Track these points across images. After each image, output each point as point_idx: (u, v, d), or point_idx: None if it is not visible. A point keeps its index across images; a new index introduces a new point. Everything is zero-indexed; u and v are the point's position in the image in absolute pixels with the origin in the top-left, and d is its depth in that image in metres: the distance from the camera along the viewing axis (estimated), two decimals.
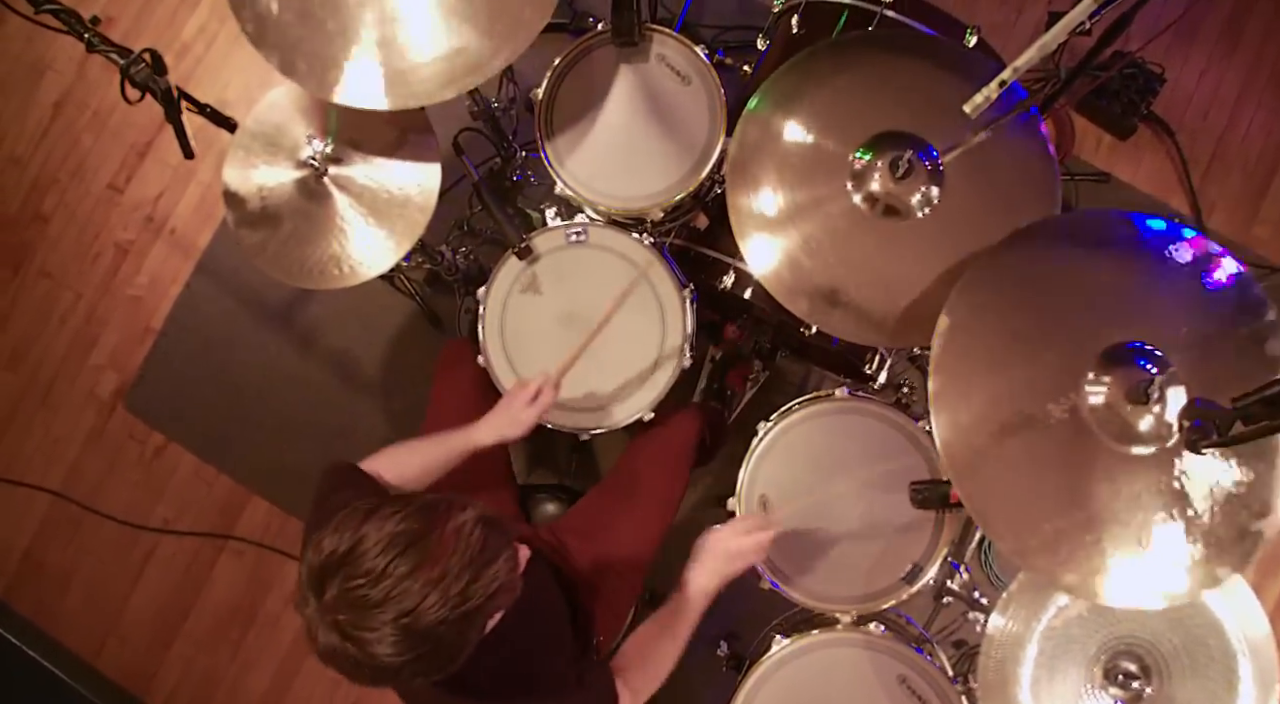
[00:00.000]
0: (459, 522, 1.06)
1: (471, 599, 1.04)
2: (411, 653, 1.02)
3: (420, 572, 1.01)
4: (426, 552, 1.02)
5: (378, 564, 1.00)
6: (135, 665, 2.78)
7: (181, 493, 2.79)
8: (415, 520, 1.04)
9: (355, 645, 1.01)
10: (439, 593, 1.01)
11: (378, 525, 1.03)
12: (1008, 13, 2.63)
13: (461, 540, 1.05)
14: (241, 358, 2.77)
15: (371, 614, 1.00)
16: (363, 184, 1.75)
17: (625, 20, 1.65)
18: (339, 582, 1.01)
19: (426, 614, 1.01)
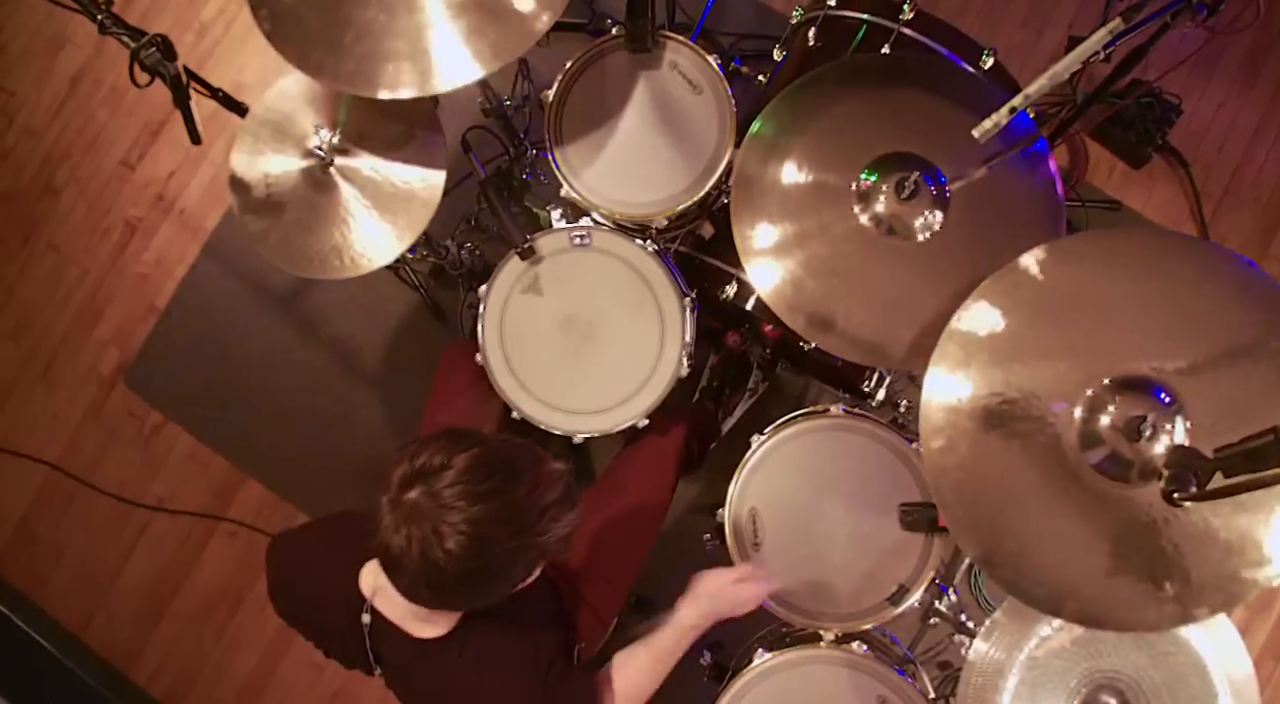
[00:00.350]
0: (551, 468, 1.17)
1: (539, 536, 1.14)
2: (468, 562, 1.09)
3: (503, 494, 1.10)
4: (516, 481, 1.12)
5: (467, 476, 1.09)
6: (121, 641, 2.80)
7: (177, 472, 2.80)
8: (516, 453, 1.15)
9: (422, 535, 1.07)
10: (515, 517, 1.11)
11: (473, 450, 1.12)
12: (1028, 35, 2.62)
13: (548, 484, 1.15)
14: (243, 341, 2.78)
15: (450, 513, 1.07)
16: (368, 176, 1.75)
17: (639, 26, 1.65)
18: (426, 486, 1.08)
19: (496, 530, 1.09)
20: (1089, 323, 1.30)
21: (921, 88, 1.56)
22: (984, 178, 1.47)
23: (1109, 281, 1.30)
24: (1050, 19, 2.62)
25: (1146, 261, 1.30)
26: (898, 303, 1.50)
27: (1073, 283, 1.31)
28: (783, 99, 1.59)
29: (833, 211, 1.51)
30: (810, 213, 1.52)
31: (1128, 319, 1.29)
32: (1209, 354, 1.24)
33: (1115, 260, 1.31)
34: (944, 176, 1.48)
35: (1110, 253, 1.32)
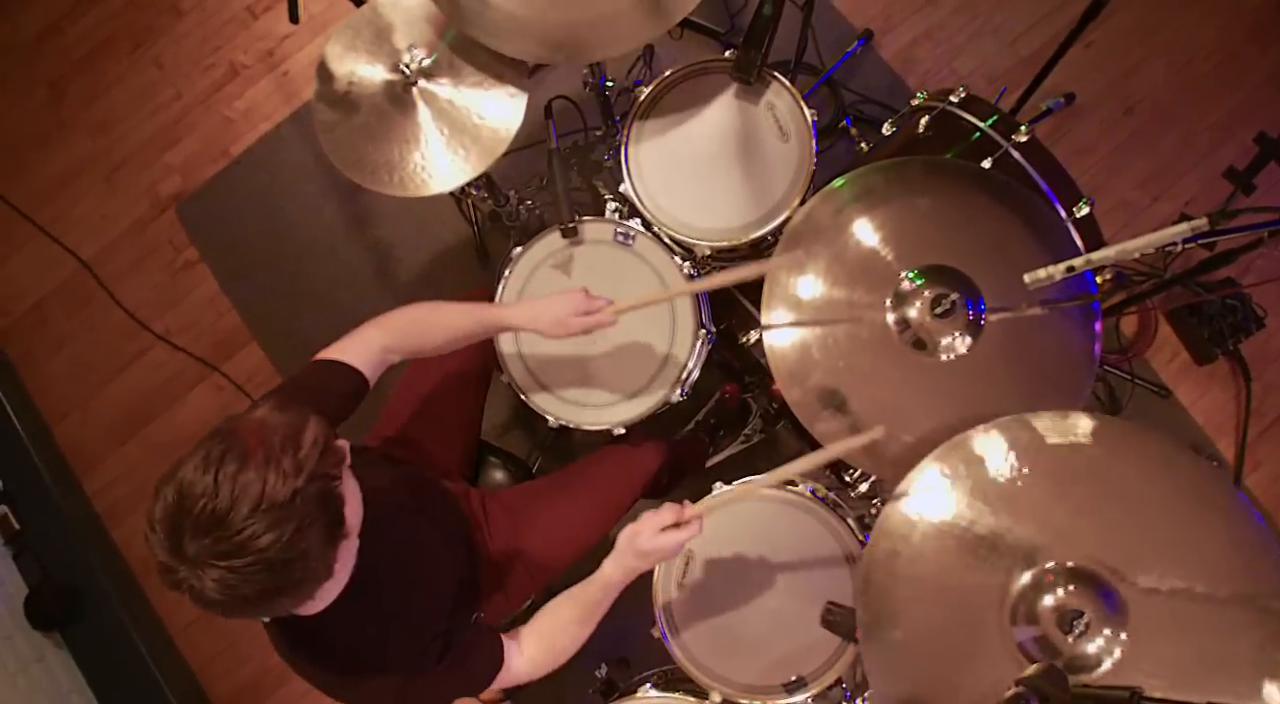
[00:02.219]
0: (253, 416, 1.09)
1: (306, 465, 1.06)
2: (287, 531, 1.02)
3: (247, 464, 1.02)
4: (242, 448, 1.03)
5: (207, 482, 1.01)
6: (87, 446, 2.88)
7: (192, 312, 2.87)
8: (216, 439, 1.05)
9: (234, 556, 1.00)
10: (275, 470, 1.03)
11: (189, 464, 1.04)
12: (1142, 197, 2.55)
13: (265, 427, 1.07)
14: (295, 214, 2.83)
15: (233, 520, 1.00)
16: (444, 105, 1.77)
17: (749, 57, 1.63)
18: (190, 528, 1.01)
19: (278, 491, 1.02)
20: (1080, 501, 1.27)
21: (1002, 211, 1.52)
22: (1024, 320, 1.44)
23: (1117, 472, 1.27)
24: (1171, 188, 2.54)
25: (1160, 469, 1.27)
26: (895, 411, 1.47)
27: (1082, 458, 1.28)
28: (872, 170, 1.57)
29: (867, 298, 1.49)
30: (846, 289, 1.50)
31: (1118, 515, 1.26)
32: (1180, 587, 1.20)
33: (1132, 455, 1.28)
34: (985, 305, 1.45)
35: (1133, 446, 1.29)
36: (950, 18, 2.67)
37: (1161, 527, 1.26)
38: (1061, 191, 1.73)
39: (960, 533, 1.26)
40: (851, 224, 1.53)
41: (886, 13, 2.69)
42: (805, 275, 1.51)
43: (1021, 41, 2.64)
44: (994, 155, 1.72)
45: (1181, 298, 2.39)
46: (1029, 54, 2.61)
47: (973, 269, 1.47)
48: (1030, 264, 1.35)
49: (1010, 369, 1.47)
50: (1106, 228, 1.83)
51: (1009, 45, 2.64)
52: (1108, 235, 1.84)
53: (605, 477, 1.92)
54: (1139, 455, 1.30)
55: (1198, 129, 2.56)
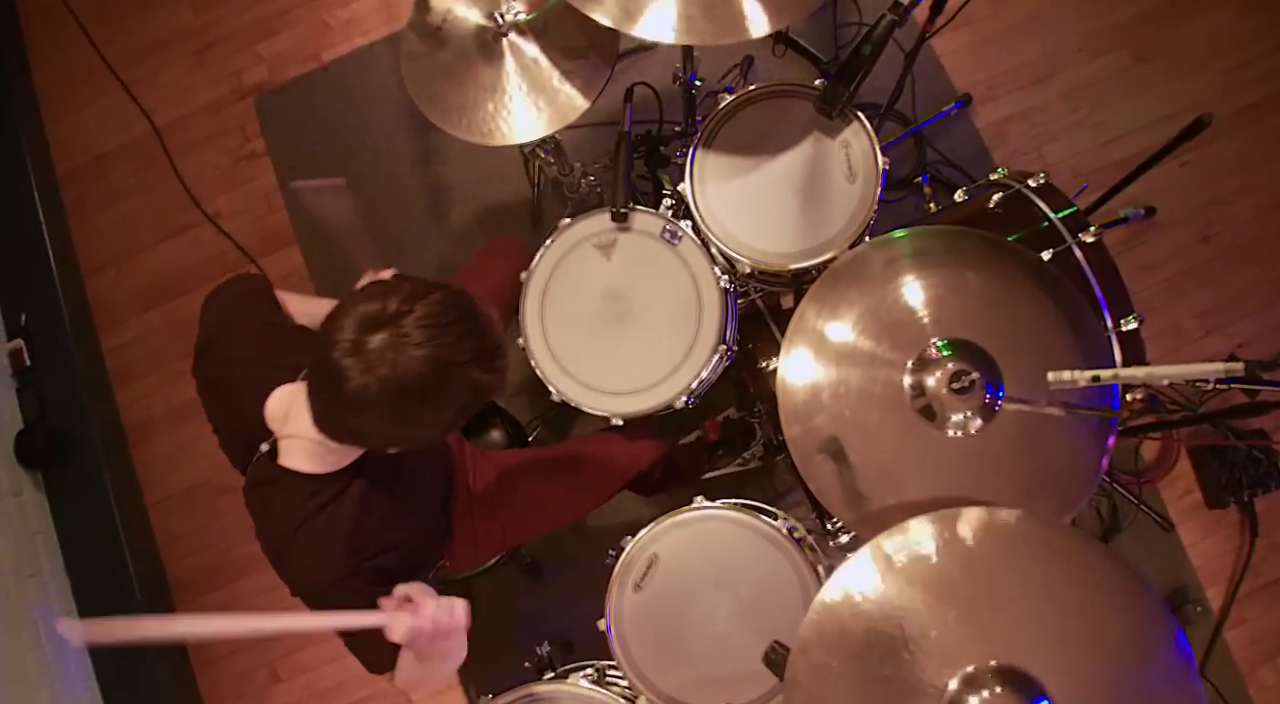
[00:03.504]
0: (491, 313, 1.21)
1: (492, 371, 1.18)
2: (425, 381, 1.11)
3: (466, 324, 1.15)
4: (475, 317, 1.17)
5: (431, 317, 1.12)
6: (113, 303, 2.94)
7: (245, 201, 2.92)
8: (465, 296, 1.18)
9: (385, 364, 1.09)
10: (478, 344, 1.16)
11: (433, 296, 1.15)
12: (1195, 327, 2.50)
13: (494, 326, 1.20)
14: (366, 133, 2.86)
15: (412, 342, 1.10)
16: (529, 62, 1.78)
17: (837, 92, 1.62)
18: (391, 330, 1.11)
19: (460, 351, 1.13)
20: (1018, 604, 1.25)
21: (1048, 304, 1.50)
22: (1039, 417, 1.42)
23: (1066, 581, 1.25)
24: (1228, 326, 2.49)
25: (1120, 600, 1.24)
26: (888, 472, 1.46)
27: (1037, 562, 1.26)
28: (933, 232, 1.56)
29: (890, 356, 1.47)
30: (874, 341, 1.49)
31: (1055, 623, 1.23)
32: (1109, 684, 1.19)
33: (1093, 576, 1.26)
34: (1003, 392, 1.43)
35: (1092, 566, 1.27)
36: (1052, 103, 2.64)
37: (1094, 646, 1.23)
38: (1113, 301, 1.70)
39: (888, 621, 1.24)
40: (899, 278, 1.52)
41: (991, 82, 2.66)
42: (839, 318, 1.50)
43: (1117, 144, 2.60)
44: (1056, 248, 1.69)
45: (1208, 437, 2.35)
46: (1121, 158, 2.57)
47: (1001, 354, 1.45)
48: (1060, 363, 1.33)
49: (1013, 461, 1.45)
50: (1151, 349, 1.80)
51: (1103, 144, 2.60)
52: (1151, 356, 1.81)
53: (595, 461, 1.93)
54: (1081, 565, 1.28)
55: (1270, 275, 2.51)
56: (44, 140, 3.02)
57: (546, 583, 2.56)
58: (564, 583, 2.55)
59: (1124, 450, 2.43)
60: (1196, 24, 2.63)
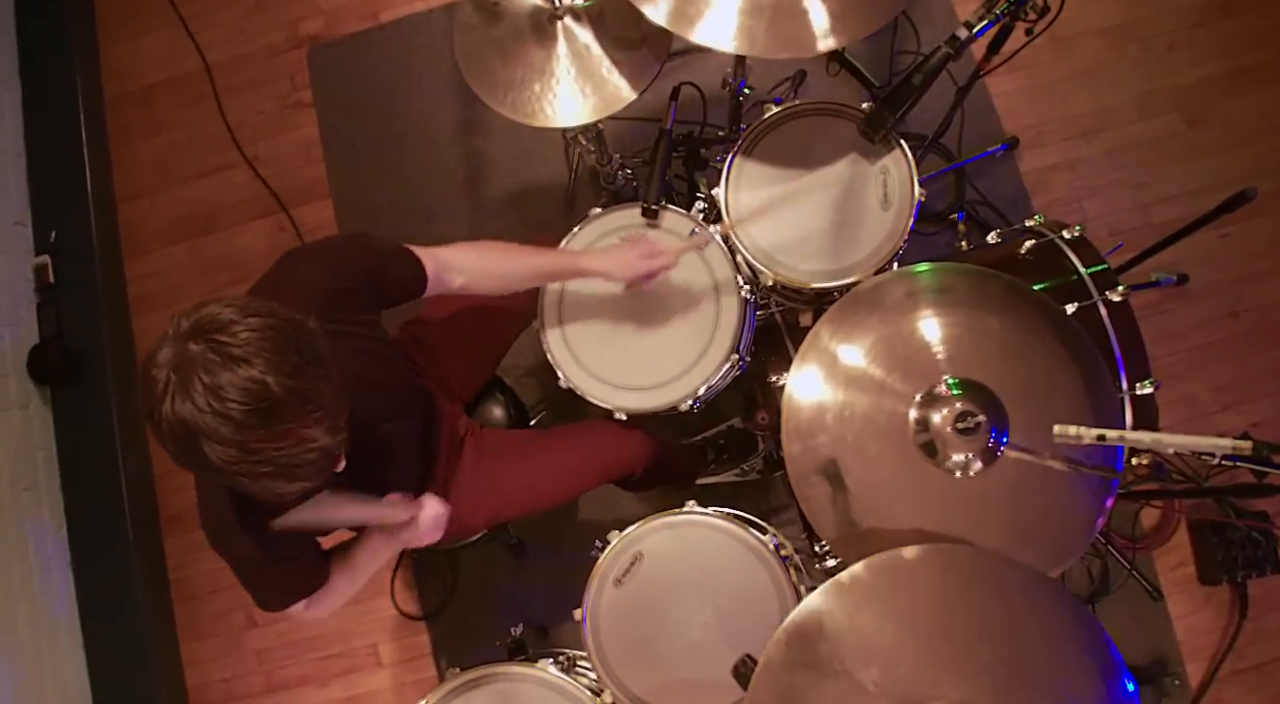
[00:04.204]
0: (310, 434, 1.07)
1: (251, 480, 1.07)
2: (171, 442, 1.05)
3: (246, 431, 1.02)
4: (268, 426, 1.04)
5: (228, 391, 1.02)
6: (142, 233, 2.98)
7: (284, 149, 2.94)
8: (293, 396, 1.05)
9: (160, 390, 1.02)
10: (236, 453, 1.03)
11: (270, 368, 1.03)
12: (1213, 401, 2.47)
13: (296, 448, 1.07)
14: (414, 97, 2.88)
15: (184, 401, 1.02)
16: (581, 48, 1.79)
17: (881, 118, 1.61)
18: (202, 356, 1.02)
19: (209, 449, 1.03)
20: (991, 648, 1.23)
21: (1064, 358, 1.48)
22: (1040, 468, 1.41)
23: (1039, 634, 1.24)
24: (1245, 404, 2.47)
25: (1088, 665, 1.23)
26: (882, 502, 1.46)
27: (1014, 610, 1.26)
28: (959, 270, 1.55)
29: (899, 387, 1.47)
30: (884, 370, 1.48)
31: (1019, 672, 1.23)
32: None
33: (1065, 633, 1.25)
34: (1007, 439, 1.42)
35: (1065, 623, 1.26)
36: (1099, 158, 2.62)
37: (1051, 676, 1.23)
38: (1132, 363, 1.69)
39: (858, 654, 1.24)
40: (919, 311, 1.51)
41: (1040, 128, 2.64)
42: (854, 342, 1.50)
43: (1158, 208, 2.57)
44: (1081, 303, 1.68)
45: (1209, 513, 2.32)
46: (1161, 222, 2.55)
47: (1011, 400, 1.44)
48: (1069, 418, 1.31)
49: (1008, 508, 1.44)
50: (1165, 416, 1.79)
51: (1144, 206, 2.58)
52: (1163, 424, 1.79)
53: (587, 451, 1.93)
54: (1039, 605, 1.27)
55: None
56: (97, 64, 3.05)
57: (530, 565, 2.57)
58: (547, 568, 2.56)
59: (1123, 514, 2.41)
60: (1253, 98, 2.61)
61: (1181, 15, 2.67)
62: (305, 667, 2.67)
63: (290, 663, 2.68)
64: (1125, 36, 2.68)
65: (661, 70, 1.79)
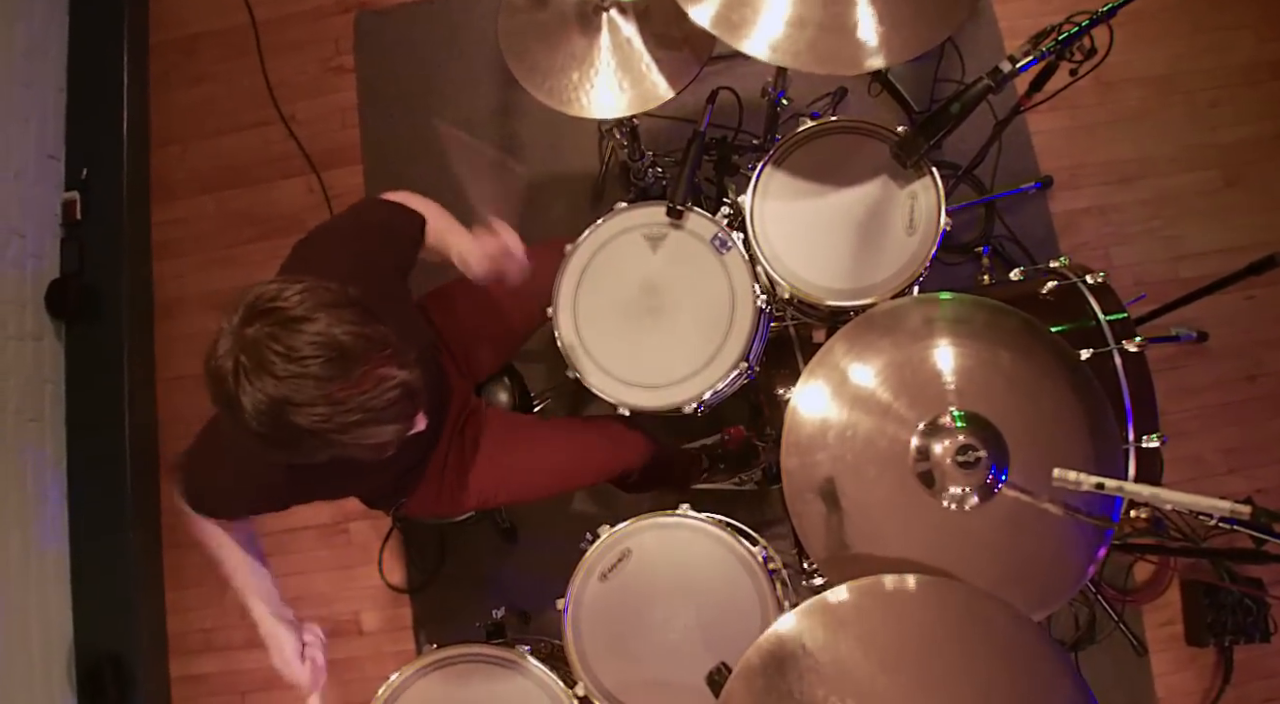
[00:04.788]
0: (387, 373, 1.10)
1: (346, 434, 1.09)
2: (262, 429, 1.07)
3: (327, 384, 1.06)
4: (346, 373, 1.07)
5: (302, 350, 1.05)
6: (172, 179, 3.00)
7: (321, 111, 2.95)
8: (360, 341, 1.08)
9: (233, 381, 1.06)
10: (326, 410, 1.06)
11: (332, 320, 1.07)
12: (1221, 463, 2.45)
13: (377, 389, 1.09)
14: (455, 73, 2.89)
15: (262, 377, 1.05)
16: (623, 41, 1.80)
17: (915, 143, 1.60)
18: (264, 331, 1.05)
19: (300, 415, 1.06)
20: (971, 688, 1.23)
21: (1073, 403, 1.47)
22: (1036, 510, 1.40)
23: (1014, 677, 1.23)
24: (1252, 469, 2.45)
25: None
26: (875, 526, 1.45)
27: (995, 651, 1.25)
28: (978, 303, 1.54)
29: (904, 413, 1.46)
30: (892, 394, 1.47)
31: None
32: None
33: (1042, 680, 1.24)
34: (1006, 477, 1.41)
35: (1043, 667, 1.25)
36: (1132, 206, 2.60)
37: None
38: (1141, 415, 1.68)
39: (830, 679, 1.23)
40: (933, 340, 1.50)
41: (1077, 170, 2.62)
42: (865, 363, 1.50)
43: (1186, 262, 2.55)
44: (1097, 349, 1.68)
45: (1204, 574, 2.31)
46: (1187, 277, 2.53)
47: (1014, 439, 1.43)
48: (1070, 463, 1.31)
49: (999, 546, 1.44)
50: (1169, 473, 1.76)
51: (1173, 259, 2.56)
52: (1167, 480, 1.77)
53: (588, 445, 1.93)
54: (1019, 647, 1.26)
55: None
56: (145, 8, 3.07)
57: (519, 550, 2.57)
58: (536, 555, 2.57)
59: (1117, 565, 2.39)
60: None
61: (1230, 73, 2.65)
62: None
63: None
64: (1171, 88, 2.66)
65: (701, 72, 1.79)
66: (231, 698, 2.67)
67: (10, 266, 2.65)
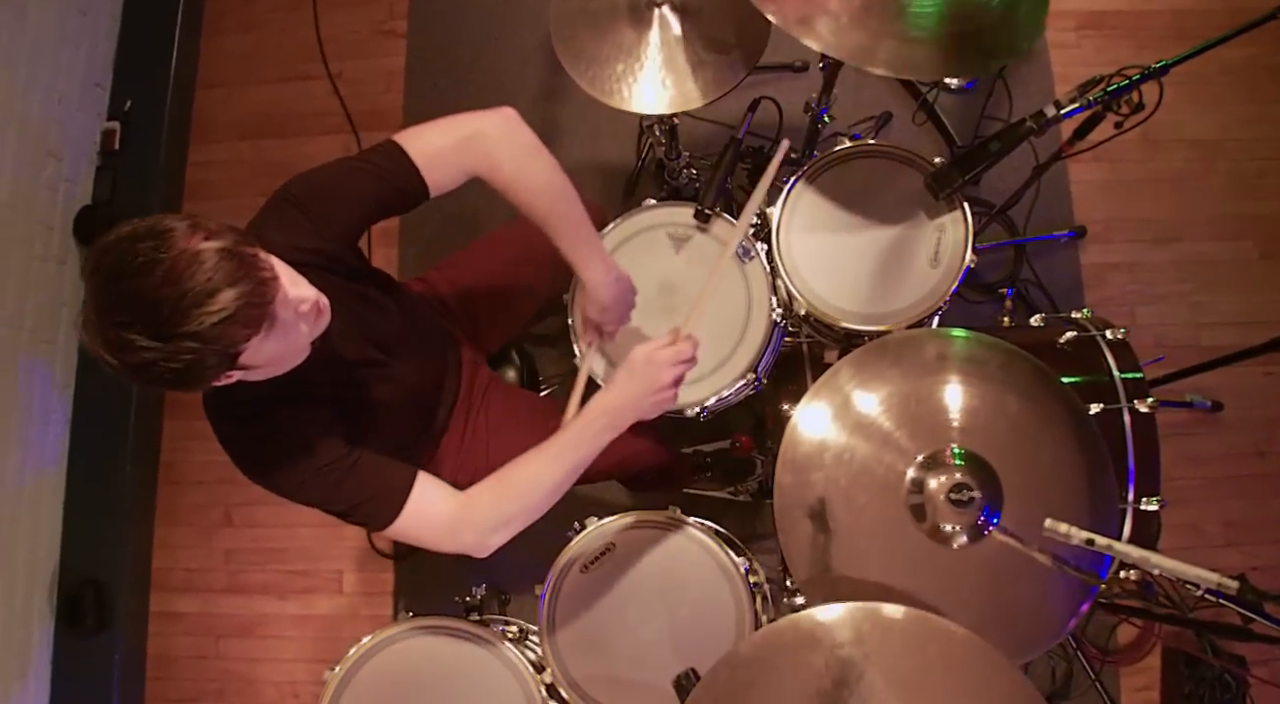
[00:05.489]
0: (190, 247, 1.05)
1: (195, 322, 1.05)
2: (130, 368, 1.06)
3: (158, 282, 1.03)
4: (150, 273, 1.03)
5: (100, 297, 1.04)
6: (213, 122, 3.03)
7: (369, 73, 2.97)
8: (167, 242, 1.05)
9: (116, 364, 1.06)
10: (149, 316, 1.04)
11: (133, 234, 1.05)
12: (1219, 534, 2.43)
13: (194, 266, 1.05)
14: (505, 51, 2.90)
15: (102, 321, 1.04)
16: (674, 37, 1.80)
17: (949, 177, 1.59)
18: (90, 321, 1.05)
19: (134, 335, 1.04)
20: None
21: (1075, 455, 1.46)
22: (1024, 557, 1.39)
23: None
24: (1250, 545, 2.43)
25: None
26: (861, 551, 1.45)
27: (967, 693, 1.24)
28: (993, 345, 1.53)
29: (904, 444, 1.45)
30: (894, 424, 1.47)
31: None
32: None
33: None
34: (998, 521, 1.40)
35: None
36: (1163, 267, 2.58)
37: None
38: (1143, 478, 1.66)
39: None
40: (943, 375, 1.49)
41: (1110, 224, 2.60)
42: (871, 389, 1.49)
43: (1209, 330, 2.53)
44: (1107, 405, 1.66)
45: (1187, 644, 2.29)
46: (1209, 345, 2.51)
47: (1011, 484, 1.42)
48: (1064, 515, 1.30)
49: (983, 588, 1.43)
50: (1166, 539, 1.76)
51: (1196, 326, 2.54)
52: (1163, 545, 1.76)
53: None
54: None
55: None
56: None
57: None
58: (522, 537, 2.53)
59: (1101, 624, 2.37)
60: None
61: (1278, 145, 2.62)
62: (269, 576, 2.70)
63: (255, 569, 2.72)
64: (1218, 153, 2.63)
65: (745, 79, 1.78)
66: (206, 640, 2.70)
67: (44, 188, 2.68)
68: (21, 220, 2.59)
